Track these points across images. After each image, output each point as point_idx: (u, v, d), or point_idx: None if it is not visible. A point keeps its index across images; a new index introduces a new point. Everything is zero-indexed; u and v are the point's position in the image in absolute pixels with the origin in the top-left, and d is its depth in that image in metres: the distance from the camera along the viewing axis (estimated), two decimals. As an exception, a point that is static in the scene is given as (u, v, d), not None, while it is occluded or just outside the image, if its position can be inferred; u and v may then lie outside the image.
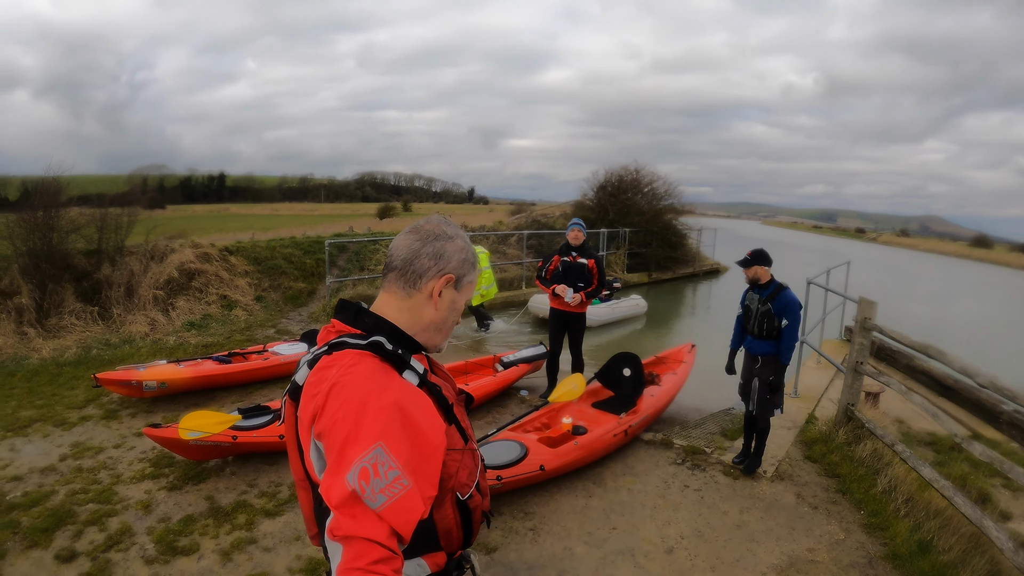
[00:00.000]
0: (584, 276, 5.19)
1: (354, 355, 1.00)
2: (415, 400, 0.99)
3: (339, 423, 0.91)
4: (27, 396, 5.16)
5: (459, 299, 1.15)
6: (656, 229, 16.91)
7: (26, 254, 6.92)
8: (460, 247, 1.14)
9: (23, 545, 2.99)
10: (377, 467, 0.87)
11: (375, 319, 1.08)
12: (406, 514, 0.88)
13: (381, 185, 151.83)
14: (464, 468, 1.10)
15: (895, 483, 3.51)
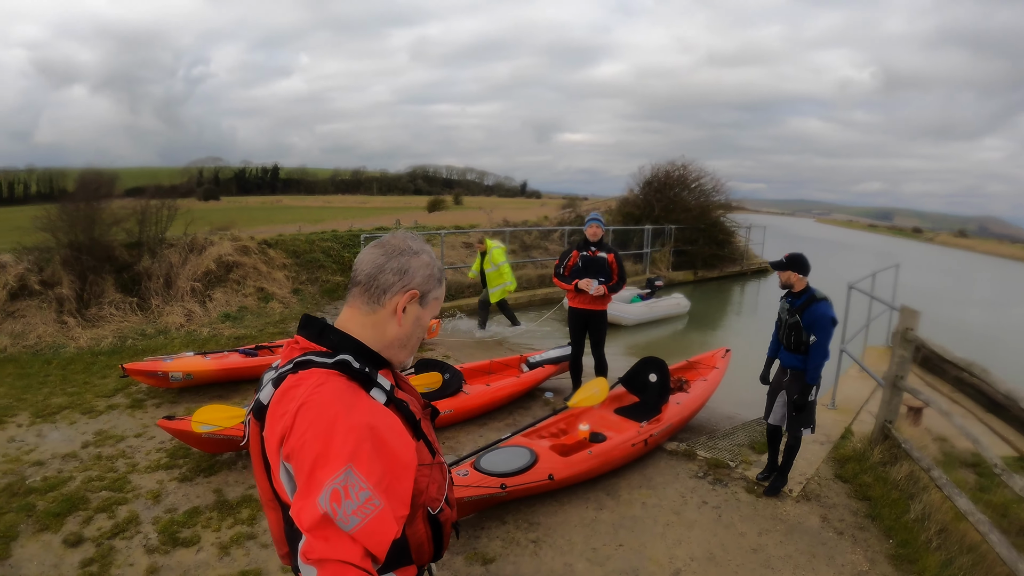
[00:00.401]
0: (604, 271, 5.06)
1: (321, 374, 1.00)
2: (384, 419, 0.99)
3: (308, 444, 0.91)
4: (60, 384, 5.47)
5: (424, 315, 1.15)
6: (703, 226, 16.58)
7: (68, 246, 7.33)
8: (425, 262, 1.14)
9: (35, 528, 3.15)
10: (348, 489, 0.88)
11: (340, 336, 1.08)
12: (379, 535, 0.89)
13: (433, 178, 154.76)
14: (433, 482, 1.12)
15: (929, 511, 3.23)
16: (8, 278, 6.97)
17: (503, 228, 14.17)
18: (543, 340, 8.55)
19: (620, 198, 18.28)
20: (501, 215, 19.27)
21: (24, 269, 7.13)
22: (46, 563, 2.88)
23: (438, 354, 7.19)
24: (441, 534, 1.15)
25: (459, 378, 5.16)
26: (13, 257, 7.30)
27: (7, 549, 2.97)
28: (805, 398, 3.63)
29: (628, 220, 16.62)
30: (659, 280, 11.46)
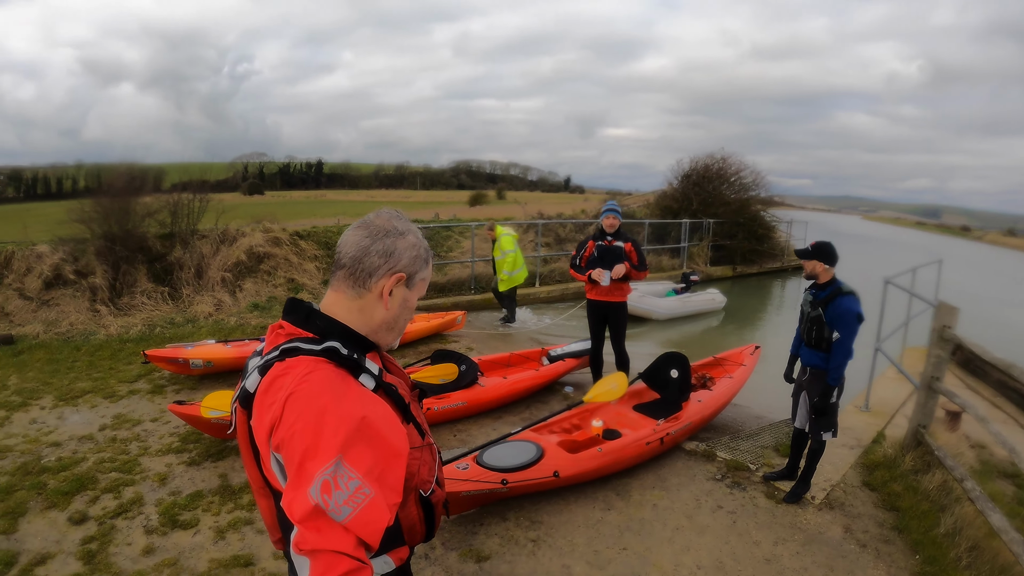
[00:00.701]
0: (621, 260, 4.91)
1: (309, 362, 0.99)
2: (374, 407, 0.99)
3: (298, 435, 0.91)
4: (86, 369, 5.70)
5: (411, 297, 1.15)
6: (742, 220, 16.26)
7: (102, 237, 7.66)
8: (412, 243, 1.13)
9: (43, 505, 3.27)
10: (338, 479, 0.88)
11: (327, 321, 1.07)
12: (372, 524, 0.90)
13: (476, 173, 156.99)
14: (424, 464, 1.14)
15: (961, 525, 2.97)
16: (44, 268, 7.35)
17: (536, 220, 14.10)
18: (576, 333, 8.47)
19: (658, 192, 18.09)
20: (540, 208, 19.23)
21: (59, 259, 7.50)
22: (49, 539, 2.98)
23: (462, 346, 7.19)
24: (433, 514, 1.17)
25: (475, 370, 5.12)
26: (50, 248, 7.69)
27: (14, 524, 3.09)
28: (826, 400, 3.40)
29: (666, 214, 16.41)
30: (695, 275, 11.25)
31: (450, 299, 10.22)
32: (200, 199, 9.17)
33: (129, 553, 2.92)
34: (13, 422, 4.41)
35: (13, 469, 3.65)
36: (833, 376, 3.36)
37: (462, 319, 7.93)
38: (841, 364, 3.34)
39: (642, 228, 14.51)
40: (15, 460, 3.78)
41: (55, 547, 2.92)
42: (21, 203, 40.47)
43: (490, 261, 9.47)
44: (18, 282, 7.23)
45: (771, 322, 11.39)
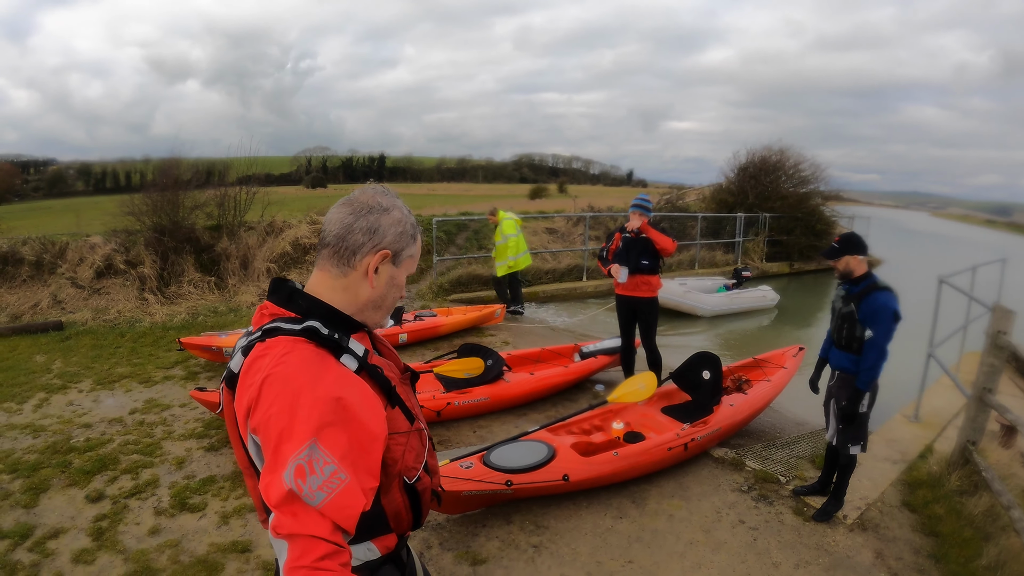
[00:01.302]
0: (648, 251, 4.76)
1: (287, 342, 1.00)
2: (352, 389, 0.99)
3: (273, 418, 0.92)
4: (128, 355, 6.08)
5: (398, 274, 1.15)
6: (800, 215, 15.68)
7: (151, 228, 8.15)
8: (397, 219, 1.12)
9: (65, 483, 3.50)
10: (313, 464, 0.89)
11: (310, 301, 1.08)
12: (347, 509, 0.91)
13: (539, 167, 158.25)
14: (410, 451, 1.12)
15: (1005, 558, 2.65)
16: (96, 258, 7.90)
17: (584, 213, 13.95)
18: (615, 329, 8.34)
19: (714, 185, 17.67)
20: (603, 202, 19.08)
21: (111, 250, 8.04)
22: (65, 515, 3.19)
23: (498, 340, 7.19)
24: (420, 502, 1.15)
25: (500, 364, 5.09)
26: (103, 239, 8.26)
27: (36, 499, 3.32)
28: (854, 406, 3.15)
29: (721, 208, 16.02)
30: (747, 270, 10.97)
31: (494, 292, 10.25)
32: (247, 192, 9.60)
33: (136, 532, 3.07)
34: (51, 403, 4.76)
35: (43, 447, 3.93)
36: (863, 379, 3.10)
37: (501, 312, 7.93)
38: (873, 366, 3.07)
39: (695, 222, 14.13)
40: (47, 439, 4.07)
41: (69, 523, 3.12)
42: (90, 196, 43.89)
43: (539, 255, 9.45)
44: (71, 271, 7.82)
45: (824, 321, 10.86)
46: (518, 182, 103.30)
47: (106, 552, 2.90)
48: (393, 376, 1.12)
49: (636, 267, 4.78)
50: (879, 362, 3.06)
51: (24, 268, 7.79)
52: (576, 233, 13.48)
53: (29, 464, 3.70)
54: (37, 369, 5.59)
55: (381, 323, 1.17)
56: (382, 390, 1.07)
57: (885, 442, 4.34)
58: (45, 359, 5.90)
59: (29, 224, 13.95)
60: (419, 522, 1.18)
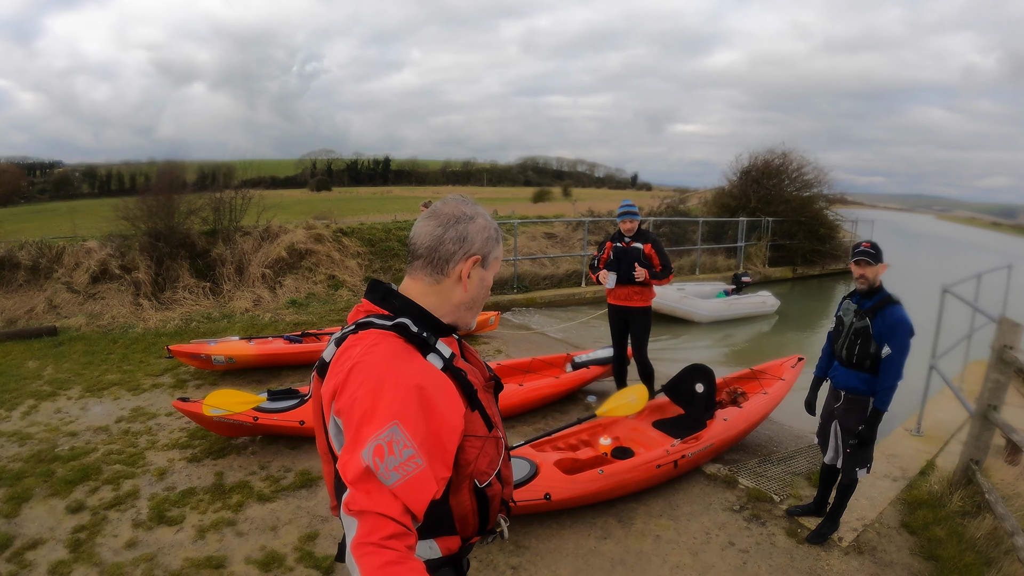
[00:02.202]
0: (640, 262, 4.75)
1: (378, 335, 1.09)
2: (435, 382, 1.06)
3: (358, 401, 0.99)
4: (119, 362, 6.15)
5: (487, 276, 1.25)
6: (803, 219, 15.82)
7: (146, 233, 8.26)
8: (482, 226, 1.22)
9: (47, 492, 3.55)
10: (392, 445, 0.95)
11: (403, 300, 1.17)
12: (419, 493, 0.95)
13: (543, 170, 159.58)
14: (485, 456, 1.17)
15: None
16: (91, 263, 8.02)
17: (584, 218, 13.97)
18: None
19: (715, 189, 17.81)
20: (606, 206, 19.10)
21: (107, 255, 8.16)
22: (44, 525, 3.23)
23: (492, 348, 7.22)
24: (488, 508, 1.20)
25: None
26: (98, 243, 8.38)
27: (17, 509, 3.37)
28: (873, 429, 3.05)
29: (723, 212, 16.09)
30: (747, 276, 11.05)
31: (491, 298, 10.31)
32: (242, 196, 9.70)
33: (113, 545, 3.11)
34: (40, 411, 4.83)
35: (28, 456, 3.99)
36: (882, 400, 2.99)
37: (495, 320, 7.96)
38: (892, 386, 2.97)
39: (696, 227, 14.14)
40: (32, 448, 4.13)
41: (48, 534, 3.16)
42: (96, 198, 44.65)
43: (537, 260, 9.40)
44: (67, 276, 7.95)
45: (827, 327, 10.79)
46: (523, 185, 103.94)
47: (82, 564, 2.93)
48: (476, 381, 1.19)
49: (627, 277, 4.77)
50: (897, 382, 2.96)
51: (20, 273, 7.93)
52: (576, 238, 13.51)
53: (13, 473, 3.75)
54: (28, 375, 5.68)
55: (470, 324, 1.25)
56: (464, 392, 1.13)
57: (885, 457, 4.30)
58: (37, 365, 5.99)
59: (33, 227, 14.21)
60: (485, 528, 1.23)
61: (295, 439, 4.35)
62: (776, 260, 15.54)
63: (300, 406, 4.37)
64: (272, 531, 3.30)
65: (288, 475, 3.92)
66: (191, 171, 11.40)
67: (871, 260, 3.00)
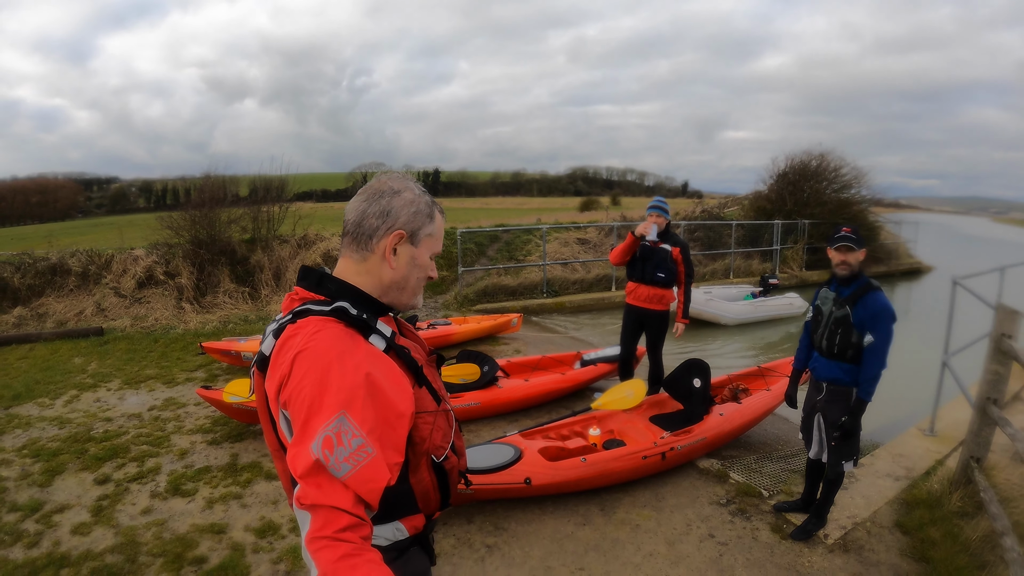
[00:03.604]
0: (666, 265, 4.69)
1: (318, 322, 1.07)
2: (380, 366, 1.06)
3: (304, 392, 0.98)
4: (158, 359, 6.73)
5: (419, 254, 1.21)
6: (840, 221, 15.30)
7: (190, 242, 8.95)
8: (409, 200, 1.19)
9: (78, 467, 4.01)
10: (341, 436, 0.94)
11: (338, 284, 1.16)
12: (371, 482, 0.95)
13: (593, 179, 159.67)
14: (438, 430, 1.18)
15: None
16: (137, 269, 8.76)
17: (614, 223, 14.05)
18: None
19: (752, 193, 17.64)
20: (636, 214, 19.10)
21: (152, 262, 8.89)
22: (72, 494, 3.67)
23: (511, 348, 7.43)
24: (448, 481, 1.22)
25: (495, 370, 5.32)
26: (144, 251, 9.15)
27: (50, 480, 3.83)
28: (857, 420, 3.02)
29: (760, 215, 15.91)
30: (774, 278, 10.96)
31: (520, 302, 10.54)
32: (280, 207, 10.36)
33: (130, 511, 3.50)
34: (80, 400, 5.39)
35: (66, 437, 4.50)
36: (867, 390, 2.94)
37: (518, 322, 8.17)
38: (876, 376, 2.92)
39: (731, 230, 14.01)
40: (70, 430, 4.64)
41: (75, 500, 3.60)
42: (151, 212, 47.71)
43: (569, 264, 9.50)
44: (115, 282, 8.71)
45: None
46: (572, 195, 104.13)
47: (101, 526, 3.33)
48: (420, 357, 1.20)
49: (652, 279, 4.72)
50: (880, 370, 2.93)
51: (71, 278, 8.75)
52: (607, 243, 13.61)
53: (50, 451, 4.25)
54: (73, 370, 6.30)
55: (411, 304, 1.22)
56: (409, 369, 1.13)
57: (891, 457, 4.24)
58: (82, 361, 6.63)
59: (89, 239, 15.41)
60: (446, 502, 1.24)
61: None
62: (813, 263, 15.24)
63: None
64: (273, 504, 3.61)
65: (296, 458, 4.25)
66: (243, 184, 12.14)
67: (853, 245, 2.97)
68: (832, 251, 3.07)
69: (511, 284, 11.21)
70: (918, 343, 7.35)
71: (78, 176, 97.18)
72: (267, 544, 3.21)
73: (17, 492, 3.69)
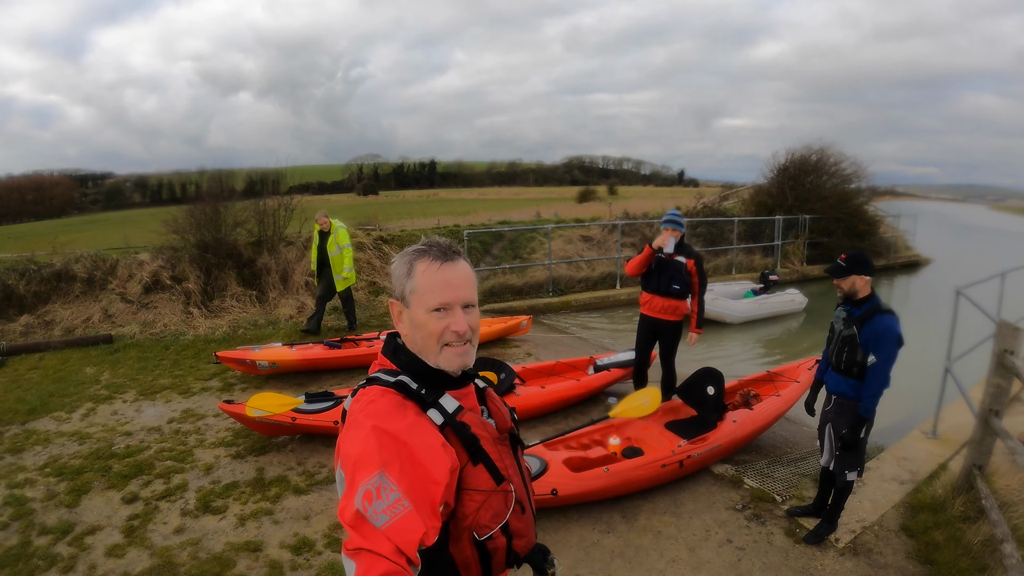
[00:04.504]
0: (681, 277, 4.74)
1: (377, 392, 1.19)
2: (420, 437, 1.13)
3: (351, 451, 1.10)
4: (170, 367, 6.72)
5: (415, 313, 1.23)
6: (841, 216, 15.57)
7: (195, 245, 8.90)
8: (395, 267, 1.28)
9: (104, 485, 4.03)
10: (380, 490, 1.03)
11: (408, 357, 1.26)
12: (407, 534, 1.01)
13: (589, 168, 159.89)
14: (488, 509, 1.20)
15: None
16: (144, 274, 8.71)
17: (618, 221, 14.09)
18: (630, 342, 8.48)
19: (753, 187, 17.65)
20: (652, 205, 19.21)
21: (158, 266, 8.84)
22: (102, 514, 3.70)
23: (522, 351, 7.47)
24: (490, 561, 1.23)
25: (512, 378, 5.36)
26: (150, 256, 9.08)
27: (78, 500, 3.85)
28: (856, 434, 3.17)
29: (761, 210, 15.98)
30: (774, 274, 11.04)
31: (526, 302, 10.59)
32: (285, 207, 10.28)
33: (163, 531, 3.53)
34: (97, 413, 5.39)
35: (87, 453, 4.51)
36: (866, 407, 3.14)
37: (527, 324, 8.21)
38: (877, 394, 3.12)
39: (732, 226, 14.10)
40: (91, 446, 4.65)
41: (105, 521, 3.62)
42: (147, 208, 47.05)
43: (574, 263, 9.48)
44: (121, 287, 8.65)
45: None
46: (569, 184, 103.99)
47: (135, 548, 3.36)
48: (484, 435, 1.23)
49: (667, 291, 4.77)
50: (882, 389, 3.10)
51: (77, 284, 8.67)
52: (611, 240, 13.66)
53: (74, 468, 4.26)
54: (87, 380, 6.28)
55: (443, 366, 1.24)
56: (465, 446, 1.19)
57: (896, 460, 4.35)
58: (94, 371, 6.61)
59: (87, 237, 15.23)
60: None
61: (331, 438, 4.70)
62: (814, 258, 15.33)
63: (335, 407, 4.75)
64: (305, 520, 3.66)
65: (323, 470, 4.29)
66: (240, 179, 12.00)
67: (841, 273, 3.22)
68: None
69: (517, 283, 11.23)
70: (919, 341, 7.49)
71: (73, 172, 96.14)
72: (304, 561, 3.26)
73: (45, 514, 3.71)
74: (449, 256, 1.25)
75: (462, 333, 1.22)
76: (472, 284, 1.27)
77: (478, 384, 1.36)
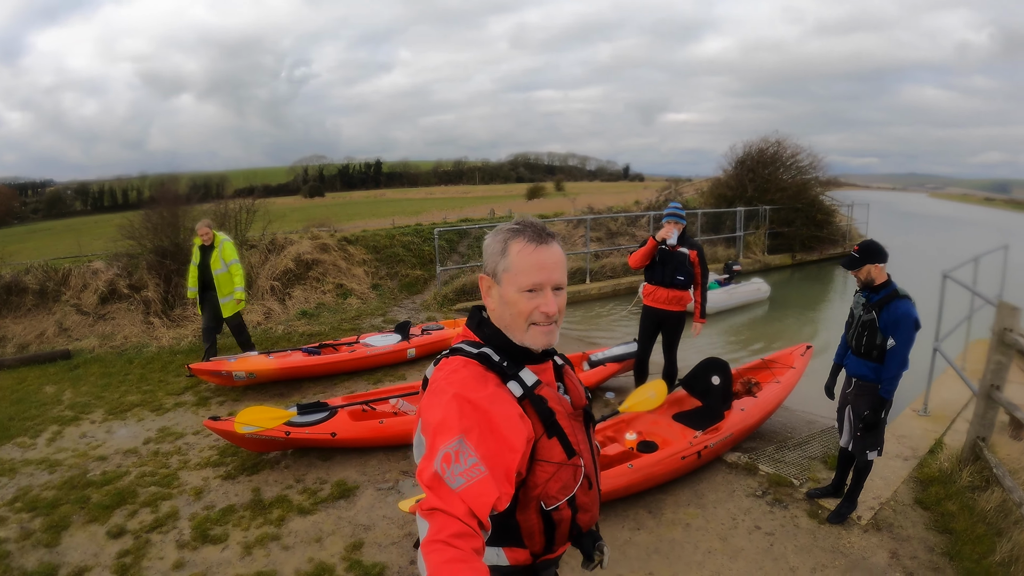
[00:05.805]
0: (685, 268, 4.71)
1: (460, 362, 1.21)
2: (500, 406, 1.14)
3: (432, 417, 1.12)
4: (137, 382, 6.12)
5: (506, 291, 1.23)
6: (800, 206, 16.00)
7: (152, 251, 8.20)
8: (488, 243, 1.28)
9: (85, 519, 3.55)
10: (459, 455, 1.04)
11: (492, 330, 1.27)
12: (482, 497, 1.02)
13: (535, 166, 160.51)
14: (557, 481, 1.21)
15: (1019, 552, 2.73)
16: (99, 284, 7.96)
17: (586, 216, 14.02)
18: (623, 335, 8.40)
19: (712, 179, 17.93)
20: (600, 200, 19.22)
21: (114, 275, 8.10)
22: (88, 552, 3.24)
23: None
24: (554, 531, 1.24)
25: None
26: (104, 264, 8.32)
27: (57, 537, 3.37)
28: (878, 415, 3.21)
29: (720, 202, 16.29)
30: (737, 264, 11.41)
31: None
32: (247, 209, 9.64)
33: (160, 567, 3.12)
34: (64, 436, 4.81)
35: (60, 483, 3.98)
36: (886, 389, 3.17)
37: None
38: (896, 376, 3.15)
39: (695, 218, 14.29)
40: (63, 474, 4.12)
41: (92, 560, 3.17)
42: (89, 215, 44.17)
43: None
44: (75, 298, 7.88)
45: (829, 311, 11.06)
46: (515, 182, 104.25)
47: (133, 588, 2.95)
48: (559, 409, 1.24)
49: (671, 282, 4.74)
50: (901, 371, 3.13)
51: (28, 297, 7.84)
52: (577, 235, 13.56)
53: (48, 501, 3.74)
54: (48, 401, 5.64)
55: (529, 343, 1.24)
56: (541, 418, 1.20)
57: (895, 438, 4.40)
58: (55, 390, 5.95)
59: (31, 247, 14.01)
60: (551, 549, 1.27)
61: (327, 451, 4.36)
62: (775, 248, 15.72)
63: (330, 418, 4.39)
64: (317, 543, 3.32)
65: (324, 487, 3.94)
66: (184, 183, 11.23)
67: (855, 264, 3.26)
68: None
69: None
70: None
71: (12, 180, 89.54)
72: (327, 589, 2.93)
73: (23, 556, 3.22)
74: (543, 238, 1.24)
75: (551, 315, 1.23)
76: (563, 267, 1.27)
77: (556, 361, 1.37)
